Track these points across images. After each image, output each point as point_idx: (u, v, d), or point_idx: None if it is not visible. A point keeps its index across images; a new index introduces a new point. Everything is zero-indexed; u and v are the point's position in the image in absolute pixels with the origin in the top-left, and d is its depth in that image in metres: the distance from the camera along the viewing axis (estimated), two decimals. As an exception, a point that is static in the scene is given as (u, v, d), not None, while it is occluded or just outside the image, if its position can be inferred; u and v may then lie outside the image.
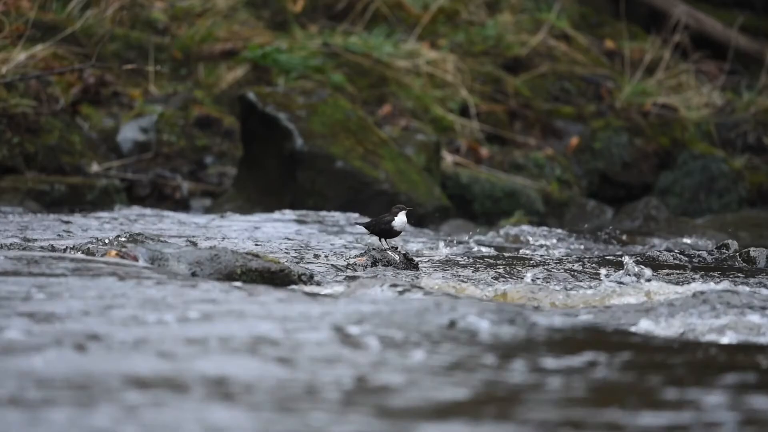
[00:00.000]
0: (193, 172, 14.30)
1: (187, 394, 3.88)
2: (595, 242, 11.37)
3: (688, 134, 16.00)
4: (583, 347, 5.00)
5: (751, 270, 8.30)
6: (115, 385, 3.94)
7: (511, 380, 4.32)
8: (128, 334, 4.73)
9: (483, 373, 4.40)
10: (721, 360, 4.92)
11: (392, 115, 15.35)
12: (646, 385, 4.35)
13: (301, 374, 4.25)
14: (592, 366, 4.62)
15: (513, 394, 4.12)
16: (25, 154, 13.16)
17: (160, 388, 3.92)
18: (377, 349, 4.74)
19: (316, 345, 4.75)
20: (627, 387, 4.33)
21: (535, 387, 4.23)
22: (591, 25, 17.96)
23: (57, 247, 7.66)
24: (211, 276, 6.61)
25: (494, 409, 3.93)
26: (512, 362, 4.61)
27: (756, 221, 14.97)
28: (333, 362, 4.47)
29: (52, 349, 4.41)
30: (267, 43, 15.65)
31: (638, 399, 4.14)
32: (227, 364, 4.32)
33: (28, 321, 4.92)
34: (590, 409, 3.97)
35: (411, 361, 4.56)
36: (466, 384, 4.22)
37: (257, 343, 4.70)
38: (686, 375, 4.57)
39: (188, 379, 4.07)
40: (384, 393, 4.04)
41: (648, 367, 4.67)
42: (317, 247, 9.10)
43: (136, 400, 3.77)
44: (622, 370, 4.56)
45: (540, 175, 15.32)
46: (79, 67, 13.44)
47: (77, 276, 6.08)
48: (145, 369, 4.17)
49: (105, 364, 4.23)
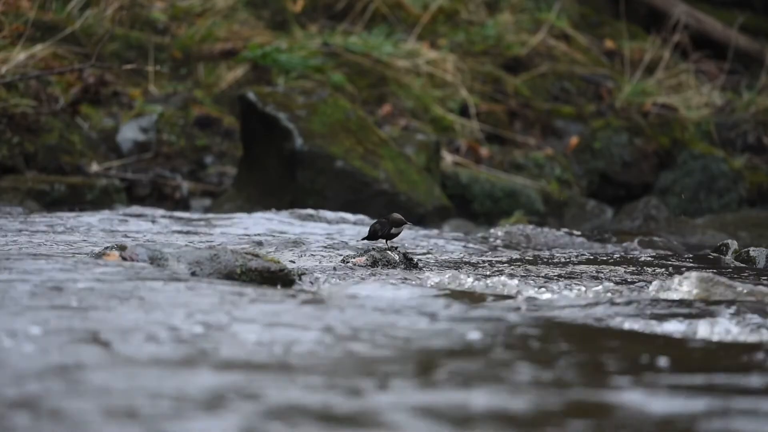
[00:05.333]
0: (193, 171, 14.31)
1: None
2: (595, 242, 11.37)
3: (688, 134, 16.00)
4: (583, 347, 5.00)
5: (751, 270, 8.30)
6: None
7: (512, 379, 4.32)
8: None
9: (483, 373, 4.40)
10: (720, 360, 4.92)
11: (392, 114, 15.36)
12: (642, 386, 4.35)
13: (302, 374, 4.26)
14: (591, 366, 4.63)
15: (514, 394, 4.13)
16: (25, 154, 13.17)
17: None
18: (377, 349, 4.74)
19: (314, 345, 4.76)
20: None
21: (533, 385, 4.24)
22: (591, 24, 17.97)
23: (57, 248, 7.66)
24: (211, 276, 6.61)
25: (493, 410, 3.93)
26: (513, 362, 4.61)
27: (756, 221, 14.97)
28: (332, 362, 4.48)
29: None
30: (267, 43, 15.65)
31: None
32: (224, 371, 4.32)
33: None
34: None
35: (411, 361, 4.56)
36: (466, 383, 4.23)
37: (257, 344, 4.71)
38: (686, 375, 4.57)
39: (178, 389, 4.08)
40: (384, 392, 4.05)
41: (644, 366, 4.67)
42: (317, 247, 9.10)
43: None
44: (623, 370, 4.57)
45: (540, 175, 15.33)
46: (79, 67, 13.44)
47: (78, 276, 6.09)
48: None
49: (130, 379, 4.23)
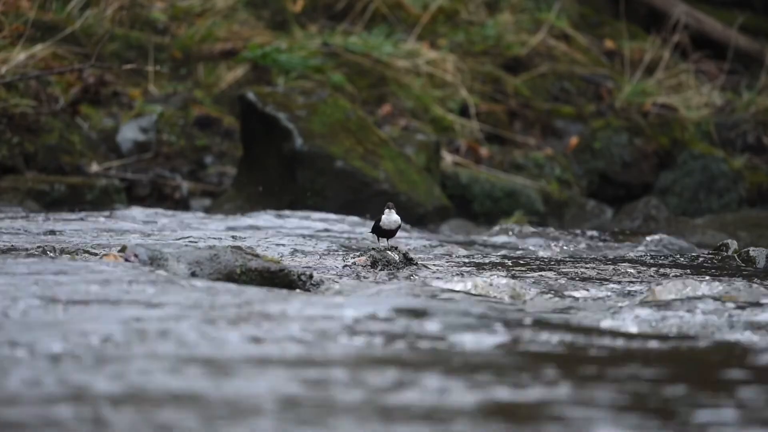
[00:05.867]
0: (193, 172, 14.30)
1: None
2: (595, 242, 11.36)
3: (688, 134, 15.99)
4: (582, 347, 5.00)
5: (751, 270, 8.30)
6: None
7: (511, 379, 4.32)
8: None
9: (481, 373, 4.40)
10: (720, 358, 4.92)
11: (392, 114, 15.36)
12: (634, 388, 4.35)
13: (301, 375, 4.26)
14: (588, 366, 4.62)
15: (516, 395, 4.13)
16: (25, 154, 13.16)
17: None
18: (377, 349, 4.74)
19: (314, 345, 4.75)
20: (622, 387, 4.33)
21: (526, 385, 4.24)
22: (591, 24, 17.96)
23: (57, 248, 7.65)
24: (211, 276, 6.61)
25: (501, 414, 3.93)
26: (511, 361, 4.61)
27: (756, 221, 14.97)
28: (331, 362, 4.47)
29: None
30: (267, 43, 15.65)
31: (630, 399, 4.14)
32: (222, 372, 4.32)
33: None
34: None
35: (410, 360, 4.56)
36: (464, 384, 4.23)
37: (255, 344, 4.70)
38: (686, 374, 4.57)
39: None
40: (383, 393, 4.05)
41: (641, 367, 4.67)
42: (317, 247, 9.10)
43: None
44: (621, 369, 4.57)
45: (540, 175, 15.32)
46: (78, 67, 13.44)
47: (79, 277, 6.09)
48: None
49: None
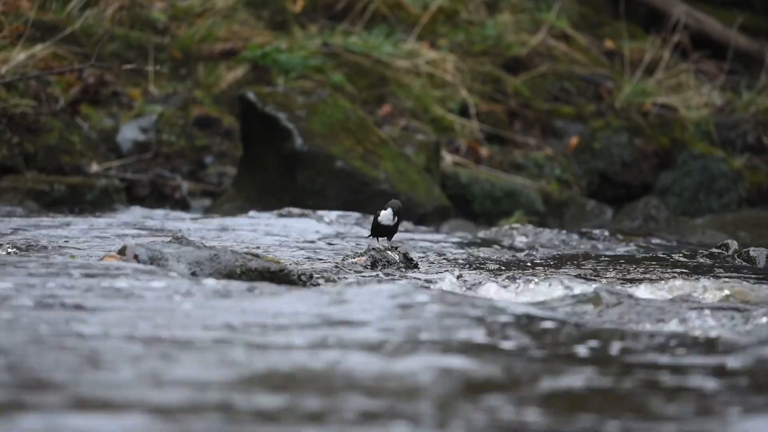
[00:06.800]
0: (193, 172, 14.30)
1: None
2: (595, 242, 11.36)
3: (687, 134, 15.99)
4: (582, 347, 5.00)
5: (751, 270, 8.30)
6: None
7: (510, 378, 4.32)
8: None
9: (481, 374, 4.40)
10: (720, 359, 4.92)
11: (392, 115, 15.35)
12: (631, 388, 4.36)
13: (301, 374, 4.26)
14: (590, 367, 4.62)
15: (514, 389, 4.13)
16: (25, 154, 13.16)
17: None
18: (377, 349, 4.74)
19: (313, 345, 4.75)
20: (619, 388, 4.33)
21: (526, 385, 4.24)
22: (591, 25, 17.96)
23: (56, 248, 7.66)
24: (211, 276, 6.61)
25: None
26: (512, 361, 4.61)
27: (756, 221, 14.97)
28: (330, 363, 4.47)
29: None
30: (267, 43, 15.65)
31: (625, 400, 4.14)
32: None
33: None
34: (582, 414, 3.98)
35: (410, 360, 4.56)
36: (462, 384, 4.23)
37: (255, 344, 4.71)
38: (685, 374, 4.57)
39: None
40: (381, 393, 4.05)
41: (639, 366, 4.67)
42: (317, 247, 9.10)
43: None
44: (619, 368, 4.57)
45: (540, 175, 15.32)
46: (78, 67, 13.44)
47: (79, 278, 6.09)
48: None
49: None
